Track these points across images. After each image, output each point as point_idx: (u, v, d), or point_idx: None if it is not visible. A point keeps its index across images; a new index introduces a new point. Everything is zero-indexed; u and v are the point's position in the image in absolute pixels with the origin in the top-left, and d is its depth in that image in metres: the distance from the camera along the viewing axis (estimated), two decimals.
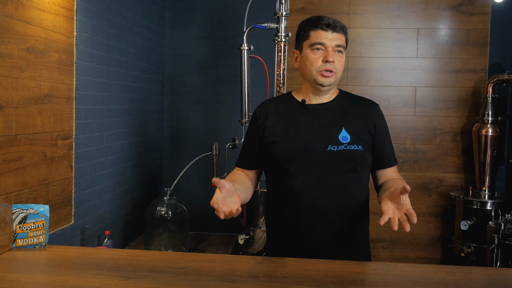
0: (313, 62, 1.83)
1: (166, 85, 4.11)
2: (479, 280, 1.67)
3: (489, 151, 3.57)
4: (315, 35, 1.84)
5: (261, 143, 1.90)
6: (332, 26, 1.83)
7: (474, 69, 3.93)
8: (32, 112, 2.00)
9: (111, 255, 1.84)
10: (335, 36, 1.83)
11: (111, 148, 2.94)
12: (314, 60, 1.83)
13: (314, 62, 1.83)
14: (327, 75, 1.82)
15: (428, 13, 3.95)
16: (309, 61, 1.84)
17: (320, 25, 1.83)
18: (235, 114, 4.06)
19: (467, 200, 3.52)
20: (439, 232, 4.02)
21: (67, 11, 2.27)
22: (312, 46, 1.83)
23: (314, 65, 1.83)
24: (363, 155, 1.84)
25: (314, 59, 1.83)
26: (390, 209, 1.63)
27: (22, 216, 1.89)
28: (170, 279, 1.59)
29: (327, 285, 1.57)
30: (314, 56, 1.83)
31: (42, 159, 2.09)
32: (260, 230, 3.04)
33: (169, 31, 4.09)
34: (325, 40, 1.82)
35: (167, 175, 4.12)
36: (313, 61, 1.83)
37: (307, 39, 1.85)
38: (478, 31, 3.91)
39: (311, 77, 1.85)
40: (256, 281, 1.59)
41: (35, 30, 2.00)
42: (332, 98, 1.92)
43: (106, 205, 2.91)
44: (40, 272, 1.64)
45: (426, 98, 3.98)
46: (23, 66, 1.92)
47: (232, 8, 4.05)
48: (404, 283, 1.61)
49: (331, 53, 1.81)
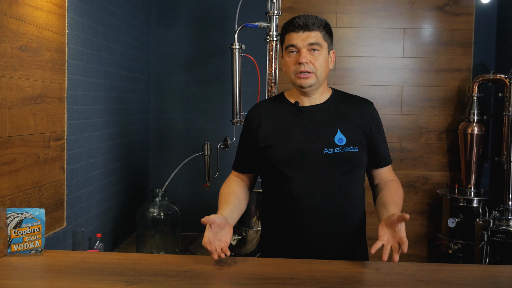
0: (289, 66, 1.82)
1: (152, 84, 4.05)
2: (483, 278, 1.68)
3: (475, 149, 3.63)
4: (288, 38, 1.82)
5: (256, 148, 1.88)
6: (302, 26, 1.79)
7: (459, 69, 3.99)
8: (26, 112, 1.94)
9: (111, 259, 1.80)
10: (307, 35, 1.79)
11: (101, 149, 2.88)
12: (290, 63, 1.81)
13: (290, 65, 1.82)
14: (304, 76, 1.79)
15: (414, 13, 3.99)
16: (286, 65, 1.84)
17: (291, 27, 1.81)
18: (223, 114, 4.03)
19: (454, 197, 3.57)
20: (425, 230, 4.07)
21: (59, 9, 2.21)
22: (287, 49, 1.82)
23: (290, 69, 1.82)
24: (359, 156, 1.83)
25: (289, 62, 1.81)
26: (385, 235, 1.65)
27: (17, 220, 1.83)
28: (176, 283, 1.56)
29: (335, 286, 1.56)
30: (289, 60, 1.82)
31: (35, 161, 2.03)
32: (252, 231, 3.02)
33: (155, 29, 4.03)
34: (295, 41, 1.79)
35: (153, 176, 4.06)
36: (289, 65, 1.82)
37: (284, 43, 1.85)
38: (463, 31, 3.96)
39: (292, 80, 1.84)
40: (264, 284, 1.57)
41: (28, 28, 1.94)
42: (325, 99, 1.90)
43: (96, 207, 2.85)
44: (41, 279, 1.59)
45: (412, 97, 4.02)
46: (16, 65, 1.86)
47: (219, 6, 4.01)
48: (410, 282, 1.61)
49: (304, 54, 1.78)
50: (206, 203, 4.02)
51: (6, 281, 1.59)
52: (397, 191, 1.90)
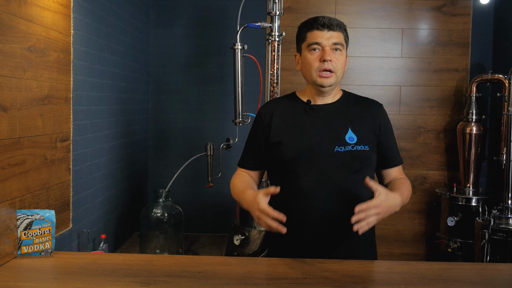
0: (311, 63, 1.83)
1: (151, 84, 4.04)
2: (493, 276, 1.70)
3: (473, 149, 3.66)
4: (311, 35, 1.84)
5: (267, 144, 1.89)
6: (327, 25, 1.83)
7: (457, 69, 4.02)
8: (34, 113, 1.93)
9: (123, 260, 1.79)
10: (332, 34, 1.83)
11: (104, 149, 2.87)
12: (312, 61, 1.83)
13: (312, 62, 1.83)
14: (326, 76, 1.82)
15: (412, 13, 4.02)
16: (307, 62, 1.85)
17: (315, 26, 1.84)
18: (222, 114, 4.03)
19: (453, 196, 3.60)
20: (423, 228, 4.09)
21: (64, 9, 2.20)
22: (309, 47, 1.84)
23: (312, 66, 1.83)
24: (369, 155, 1.86)
25: (312, 59, 1.83)
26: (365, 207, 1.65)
27: (28, 222, 1.82)
28: (191, 284, 1.56)
29: (349, 285, 1.57)
30: (311, 57, 1.83)
31: (43, 162, 2.02)
32: (255, 231, 3.02)
33: (153, 29, 4.02)
34: (321, 39, 1.82)
35: (152, 176, 4.05)
36: (311, 62, 1.83)
37: (305, 41, 1.86)
38: (460, 31, 4.00)
39: (311, 78, 1.85)
40: (279, 284, 1.58)
41: (36, 28, 1.93)
42: (337, 99, 1.92)
43: (99, 208, 2.84)
44: (55, 281, 1.59)
45: (411, 97, 4.05)
46: (25, 66, 1.85)
47: (217, 6, 4.01)
48: (423, 281, 1.63)
49: (328, 52, 1.81)
50: (206, 204, 4.02)
51: (20, 283, 1.58)
52: (405, 184, 1.91)
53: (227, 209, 4.02)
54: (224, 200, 3.98)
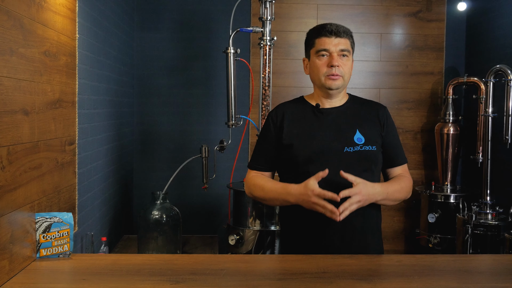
0: (320, 68, 1.94)
1: (136, 87, 4.04)
2: (496, 266, 1.84)
3: (450, 148, 3.85)
4: (319, 42, 1.94)
5: (279, 145, 1.98)
6: (335, 32, 1.94)
7: (432, 72, 4.22)
8: (48, 117, 1.94)
9: (143, 261, 1.83)
10: (339, 41, 1.94)
11: (100, 152, 2.88)
12: (320, 66, 1.94)
13: (320, 68, 1.94)
14: (334, 78, 1.93)
15: (389, 19, 4.19)
16: (316, 67, 1.95)
17: (323, 32, 1.94)
18: (208, 117, 4.07)
19: (432, 194, 3.77)
20: (402, 226, 4.26)
21: (71, 13, 2.21)
22: (318, 53, 1.94)
23: (320, 71, 1.94)
24: (376, 155, 1.98)
25: (320, 65, 1.94)
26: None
27: (46, 225, 1.83)
28: (219, 281, 1.62)
29: (367, 278, 1.66)
30: (320, 62, 1.94)
31: (55, 165, 2.03)
32: (249, 230, 3.09)
33: (137, 32, 4.03)
34: (328, 46, 1.93)
35: (138, 179, 4.05)
36: (319, 67, 1.94)
37: (313, 47, 1.96)
38: (435, 36, 4.20)
39: (320, 82, 1.95)
40: (302, 278, 1.65)
41: (49, 32, 1.94)
42: (344, 102, 2.03)
43: (97, 210, 2.84)
44: (84, 281, 1.61)
45: (389, 99, 4.21)
46: (42, 70, 1.86)
47: (202, 10, 4.06)
48: (433, 272, 1.74)
49: (336, 58, 1.92)
50: (195, 205, 4.06)
51: (48, 284, 1.60)
52: (400, 180, 2.02)
53: (215, 210, 4.07)
54: (212, 201, 4.03)
